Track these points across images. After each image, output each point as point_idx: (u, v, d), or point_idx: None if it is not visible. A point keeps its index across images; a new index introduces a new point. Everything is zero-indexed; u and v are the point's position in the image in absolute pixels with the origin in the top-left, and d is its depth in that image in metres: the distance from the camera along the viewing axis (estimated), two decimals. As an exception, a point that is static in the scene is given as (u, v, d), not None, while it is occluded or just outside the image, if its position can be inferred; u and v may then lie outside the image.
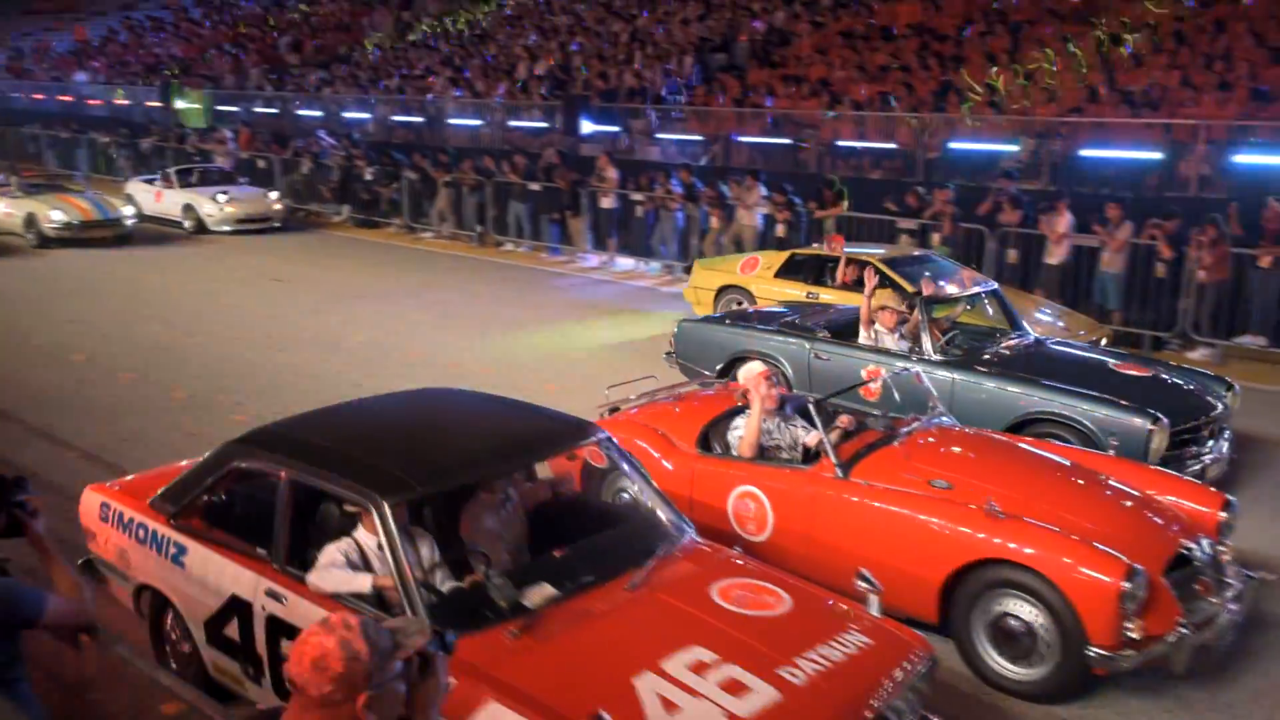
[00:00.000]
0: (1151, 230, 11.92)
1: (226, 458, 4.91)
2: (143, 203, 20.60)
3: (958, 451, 6.22)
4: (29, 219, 18.25)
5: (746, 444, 6.09)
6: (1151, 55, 15.60)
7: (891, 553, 5.37)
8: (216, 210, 19.86)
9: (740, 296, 11.91)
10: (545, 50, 25.82)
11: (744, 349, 9.10)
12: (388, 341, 12.17)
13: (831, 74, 18.99)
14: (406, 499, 4.27)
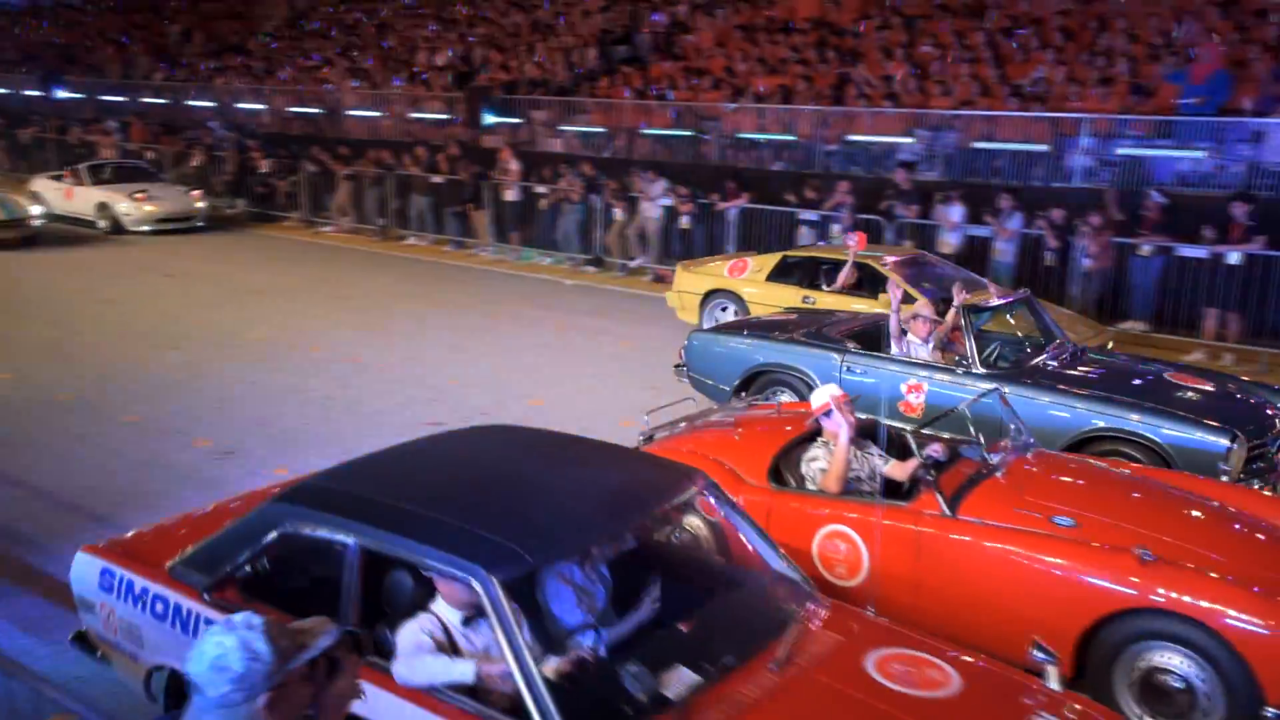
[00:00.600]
0: (1040, 220, 12.33)
1: (272, 520, 4.09)
2: (51, 201, 19.37)
3: (1068, 482, 5.62)
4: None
5: (833, 477, 5.39)
6: (1038, 50, 16.10)
7: (1016, 601, 4.78)
8: (134, 209, 18.81)
9: (728, 301, 11.48)
10: (445, 41, 25.50)
11: (764, 362, 8.43)
12: (287, 338, 11.91)
13: (732, 67, 19.16)
14: (521, 573, 3.56)
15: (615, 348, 11.77)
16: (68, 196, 19.46)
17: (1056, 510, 5.05)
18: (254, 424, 8.89)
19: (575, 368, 10.85)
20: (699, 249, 15.24)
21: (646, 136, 18.48)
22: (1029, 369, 7.57)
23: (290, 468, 7.88)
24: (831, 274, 10.88)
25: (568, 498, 4.02)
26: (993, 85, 15.53)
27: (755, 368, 8.46)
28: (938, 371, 7.62)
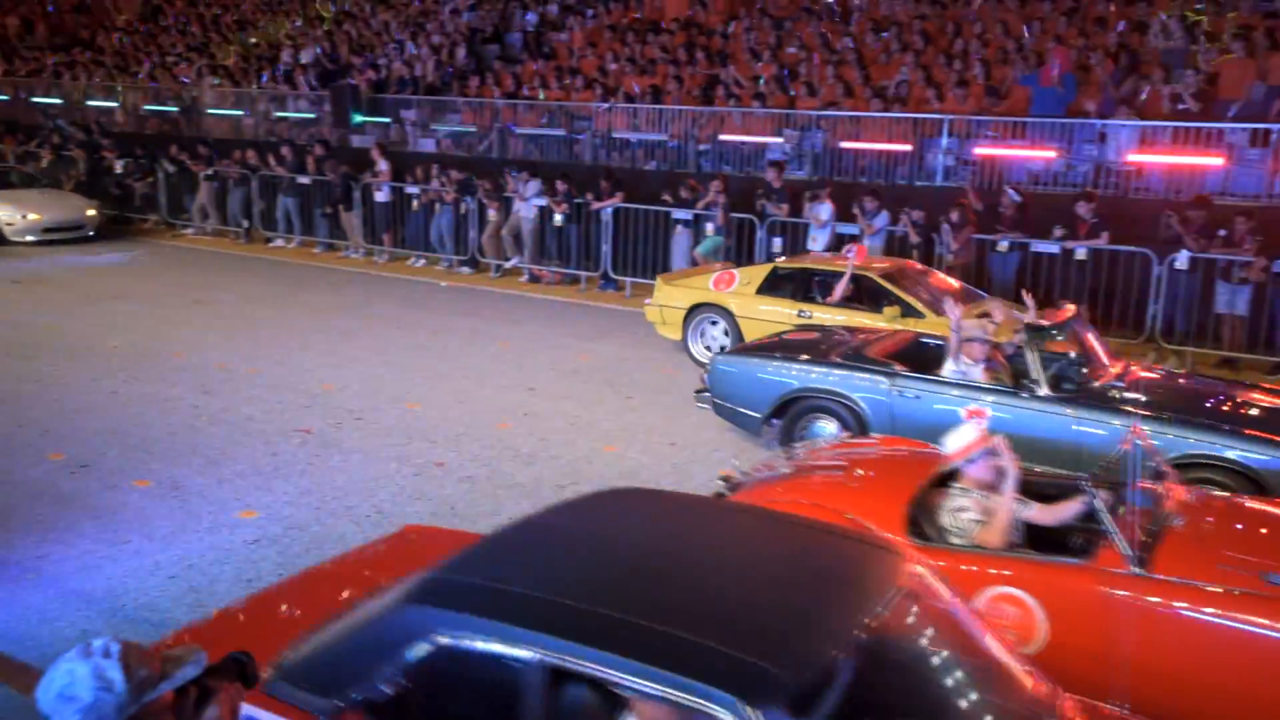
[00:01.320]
0: (902, 218, 12.73)
1: (417, 628, 3.23)
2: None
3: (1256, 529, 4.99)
4: None
5: (996, 530, 4.72)
6: (899, 53, 16.62)
7: (1241, 677, 4.08)
8: (17, 218, 17.58)
9: (715, 316, 10.96)
10: (310, 38, 24.85)
11: (801, 387, 7.83)
12: (148, 345, 11.42)
13: (604, 67, 19.21)
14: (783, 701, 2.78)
15: (492, 349, 11.67)
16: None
17: (1265, 565, 4.34)
18: (112, 435, 8.50)
19: (452, 370, 10.71)
20: (574, 249, 15.24)
21: (520, 136, 18.37)
22: (1097, 391, 6.97)
23: (153, 479, 7.58)
24: (825, 286, 10.51)
25: (780, 590, 3.31)
26: (857, 86, 15.96)
27: (791, 393, 7.86)
28: (1002, 395, 7.05)
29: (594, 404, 9.61)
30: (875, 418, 7.44)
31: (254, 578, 6.13)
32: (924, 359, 7.86)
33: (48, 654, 5.30)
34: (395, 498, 7.35)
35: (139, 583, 6.06)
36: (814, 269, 10.76)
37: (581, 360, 11.19)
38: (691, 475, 7.88)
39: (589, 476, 7.81)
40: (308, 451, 8.23)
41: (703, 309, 10.98)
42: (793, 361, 8.01)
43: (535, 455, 8.24)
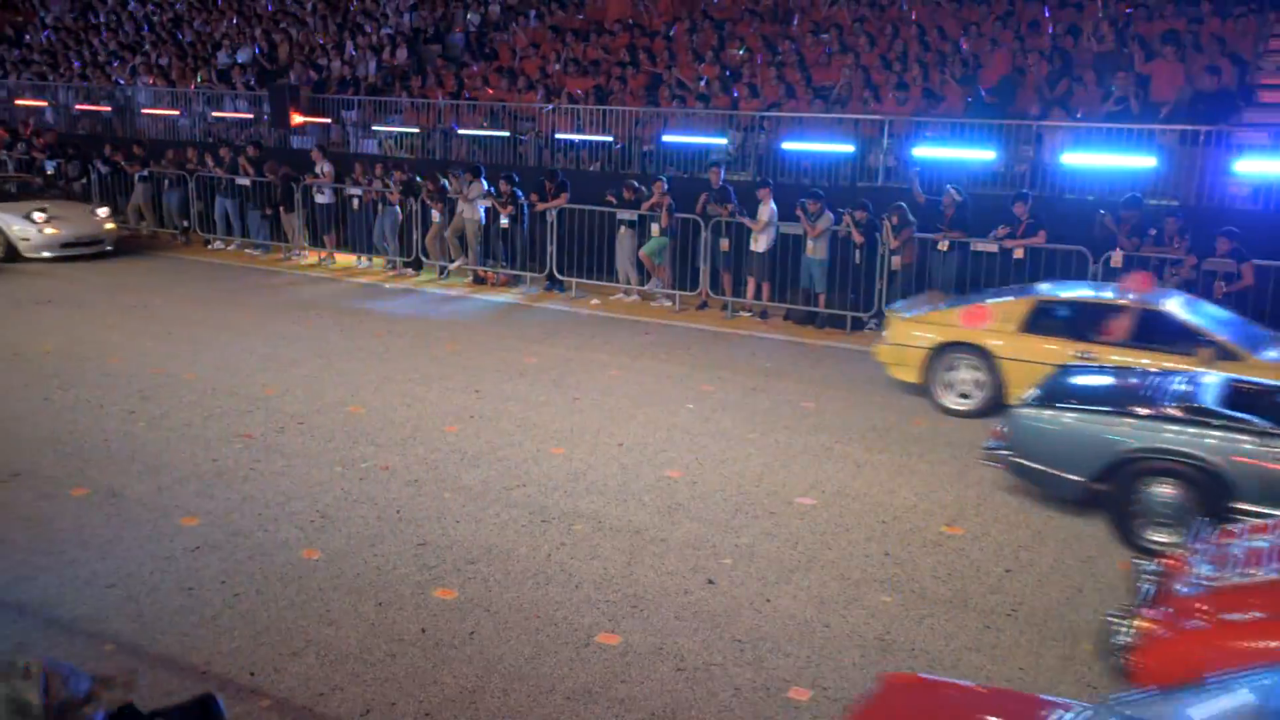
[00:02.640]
0: (845, 218, 12.86)
1: None
2: None
3: None
4: None
5: None
6: (840, 54, 16.78)
7: None
8: (34, 233, 16.22)
9: (968, 357, 9.57)
10: (247, 37, 24.46)
11: (1140, 447, 6.72)
12: (81, 350, 11.16)
13: (548, 67, 19.16)
14: None
15: (438, 351, 11.58)
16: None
17: None
18: (46, 443, 8.30)
19: (397, 373, 10.61)
20: (520, 250, 15.18)
21: (463, 137, 18.25)
22: None
23: (90, 487, 7.41)
24: (1099, 321, 9.22)
25: None
26: (799, 87, 16.08)
27: (1127, 454, 6.76)
28: None
29: (540, 405, 9.58)
30: (1242, 485, 6.40)
31: (195, 585, 6.03)
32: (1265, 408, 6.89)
33: (-19, 668, 5.17)
34: (340, 502, 7.27)
35: (75, 593, 5.93)
36: (1088, 301, 9.47)
37: (528, 362, 11.16)
38: (639, 476, 7.89)
39: (536, 478, 7.79)
40: (249, 456, 8.10)
41: (953, 349, 9.64)
42: (1127, 415, 6.91)
43: (481, 457, 8.20)
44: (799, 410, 9.67)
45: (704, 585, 6.18)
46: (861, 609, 5.94)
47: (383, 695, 5.01)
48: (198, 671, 5.18)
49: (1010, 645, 5.59)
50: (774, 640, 5.57)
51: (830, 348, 12.27)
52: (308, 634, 5.54)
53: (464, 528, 6.90)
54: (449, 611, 5.80)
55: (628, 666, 5.30)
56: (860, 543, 6.82)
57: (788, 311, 13.49)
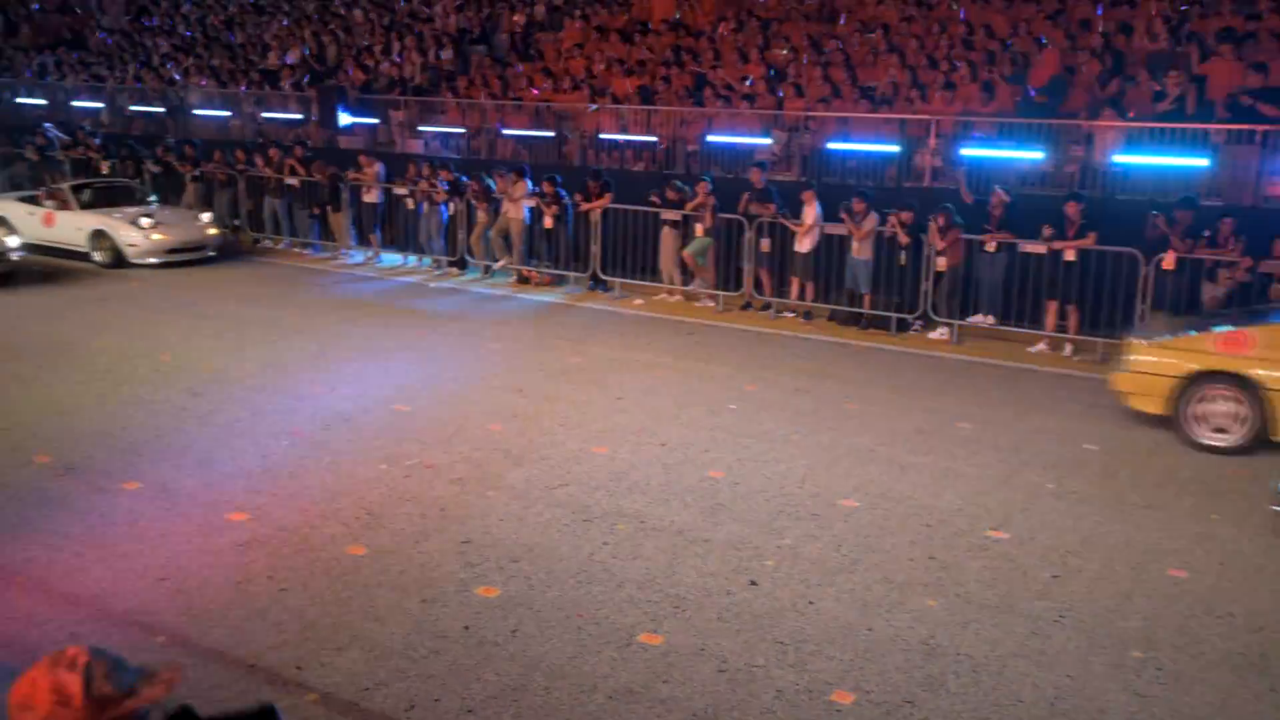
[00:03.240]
0: (891, 219, 12.77)
1: None
2: (24, 228, 16.52)
3: None
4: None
5: None
6: (886, 54, 16.66)
7: None
8: (141, 238, 15.93)
9: (1228, 389, 8.62)
10: (297, 39, 24.77)
11: None
12: (134, 346, 11.37)
13: (592, 67, 19.21)
14: None
15: (481, 350, 11.65)
16: (48, 223, 16.64)
17: None
18: (99, 437, 8.47)
19: (441, 371, 10.70)
20: (563, 250, 15.23)
21: (508, 137, 18.35)
22: None
23: (142, 481, 7.55)
24: None
25: None
26: (845, 87, 15.99)
27: None
28: None
29: (583, 405, 9.61)
30: None
31: (243, 580, 6.12)
32: None
33: (37, 657, 5.28)
34: (385, 499, 7.34)
35: (128, 585, 6.04)
36: None
37: (571, 361, 11.20)
38: (682, 476, 7.88)
39: (579, 477, 7.82)
40: (297, 453, 8.21)
41: (1207, 379, 8.72)
42: None
43: (524, 456, 8.24)
44: (843, 412, 9.61)
45: (746, 586, 6.16)
46: (906, 613, 5.89)
47: (426, 691, 5.05)
48: (246, 665, 5.26)
49: (1057, 652, 5.51)
50: (817, 643, 5.55)
51: (874, 349, 12.18)
52: (353, 629, 5.60)
53: (507, 526, 6.93)
54: (492, 609, 5.84)
55: (669, 667, 5.30)
56: (904, 546, 6.77)
57: (832, 312, 13.42)
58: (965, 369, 11.38)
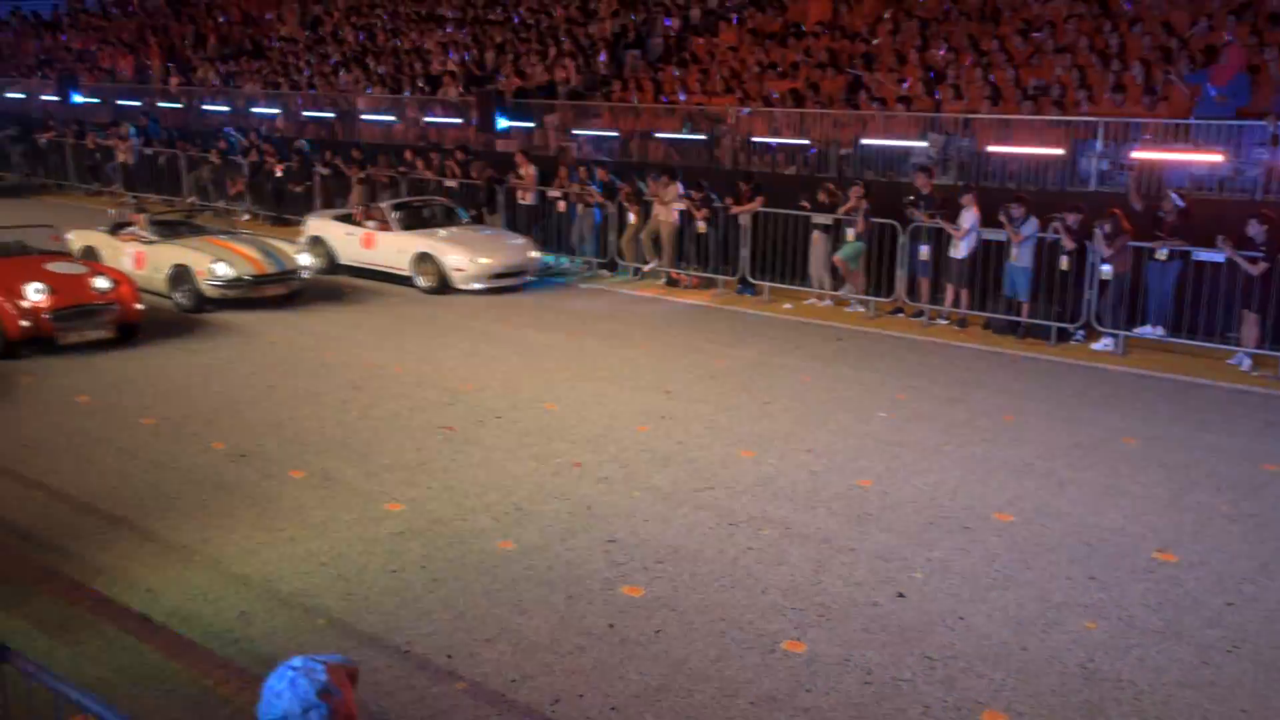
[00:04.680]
0: (1055, 225, 12.28)
1: None
2: (340, 248, 15.94)
3: None
4: (178, 274, 13.36)
5: None
6: (1053, 54, 16.05)
7: None
8: (467, 263, 14.74)
9: None
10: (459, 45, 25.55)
11: None
12: (301, 341, 11.92)
13: (745, 70, 19.15)
14: None
15: (630, 352, 11.76)
16: (366, 244, 15.58)
17: None
18: (270, 428, 8.92)
19: (590, 372, 10.85)
20: (713, 253, 15.24)
21: (660, 140, 18.47)
22: None
23: (307, 470, 7.91)
24: None
25: None
26: (1007, 88, 15.48)
27: None
28: None
29: (730, 408, 9.59)
30: None
31: (398, 568, 6.34)
32: None
33: (210, 631, 5.61)
34: (533, 496, 7.49)
35: (293, 568, 6.34)
36: None
37: (718, 364, 11.19)
38: (828, 483, 7.78)
39: (725, 481, 7.80)
40: (450, 448, 8.46)
41: None
42: None
43: (672, 458, 8.27)
44: (998, 423, 9.30)
45: (894, 598, 6.03)
46: (1063, 633, 5.66)
47: (571, 687, 5.13)
48: (399, 650, 5.45)
49: (1231, 684, 5.20)
50: (967, 659, 5.38)
51: (1033, 359, 11.74)
52: (501, 622, 5.73)
53: (652, 527, 6.98)
54: (636, 609, 5.88)
55: (813, 676, 5.23)
56: (1062, 564, 6.50)
57: (988, 320, 13.01)
58: (1132, 382, 10.86)
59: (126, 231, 14.29)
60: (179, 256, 13.46)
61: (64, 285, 11.29)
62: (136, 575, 6.24)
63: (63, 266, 11.85)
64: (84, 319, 11.28)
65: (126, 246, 13.99)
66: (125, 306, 11.58)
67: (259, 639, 5.56)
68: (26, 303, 10.91)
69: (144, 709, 4.89)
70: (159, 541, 6.72)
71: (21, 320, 10.85)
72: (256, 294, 13.41)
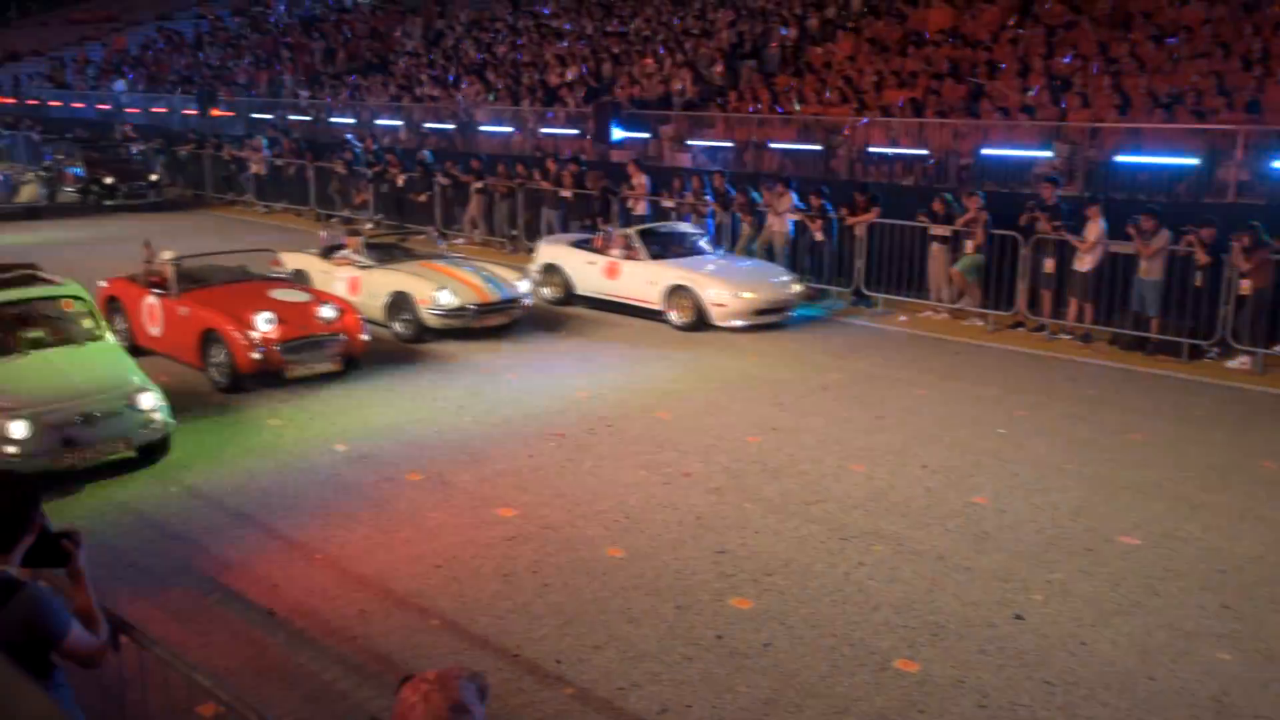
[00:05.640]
0: (1188, 237, 11.78)
1: None
2: (578, 277, 14.48)
3: None
4: (397, 301, 12.35)
5: None
6: (1189, 60, 15.42)
7: None
8: (729, 297, 13.00)
9: None
10: (576, 57, 25.89)
11: None
12: (421, 346, 12.20)
13: (862, 80, 18.92)
14: None
15: (740, 361, 11.70)
16: (610, 274, 14.02)
17: None
18: (388, 430, 9.15)
19: (700, 381, 10.83)
20: (827, 264, 15.07)
21: (775, 150, 18.38)
22: None
23: (424, 473, 8.10)
24: None
25: None
26: (1137, 96, 14.93)
27: None
28: None
29: (843, 421, 9.46)
30: None
31: (510, 573, 6.44)
32: None
33: (332, 628, 5.78)
34: (644, 505, 7.51)
35: (407, 569, 6.49)
36: None
37: (831, 377, 11.05)
38: (944, 500, 7.61)
39: (836, 494, 7.70)
40: (562, 455, 8.55)
41: None
42: None
43: (782, 469, 8.21)
44: (1124, 442, 8.96)
45: (1011, 620, 5.86)
46: (1193, 664, 5.41)
47: (679, 697, 5.13)
48: (509, 654, 5.52)
49: (1376, 725, 4.90)
50: (1089, 687, 5.20)
51: (1162, 376, 11.28)
52: (610, 629, 5.77)
53: (762, 539, 6.93)
54: (745, 621, 5.85)
55: (926, 696, 5.12)
56: (1193, 591, 6.22)
57: (1114, 335, 12.54)
58: (1271, 403, 10.33)
59: (339, 255, 13.42)
60: (398, 283, 12.43)
61: (291, 314, 10.48)
62: (262, 571, 6.48)
63: (287, 294, 11.10)
64: (311, 351, 10.48)
65: (339, 271, 13.04)
66: (351, 337, 10.76)
67: (376, 637, 5.71)
68: (257, 333, 10.09)
69: (266, 700, 5.07)
70: (282, 539, 6.96)
71: (253, 352, 10.04)
72: (480, 324, 12.39)
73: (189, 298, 10.76)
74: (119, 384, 8.10)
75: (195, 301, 10.68)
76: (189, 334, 10.55)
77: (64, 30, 50.90)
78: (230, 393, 10.18)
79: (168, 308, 10.86)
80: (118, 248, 16.53)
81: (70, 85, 41.98)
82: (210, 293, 10.89)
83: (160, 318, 10.98)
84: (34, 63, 46.40)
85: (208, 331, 10.34)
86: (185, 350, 10.66)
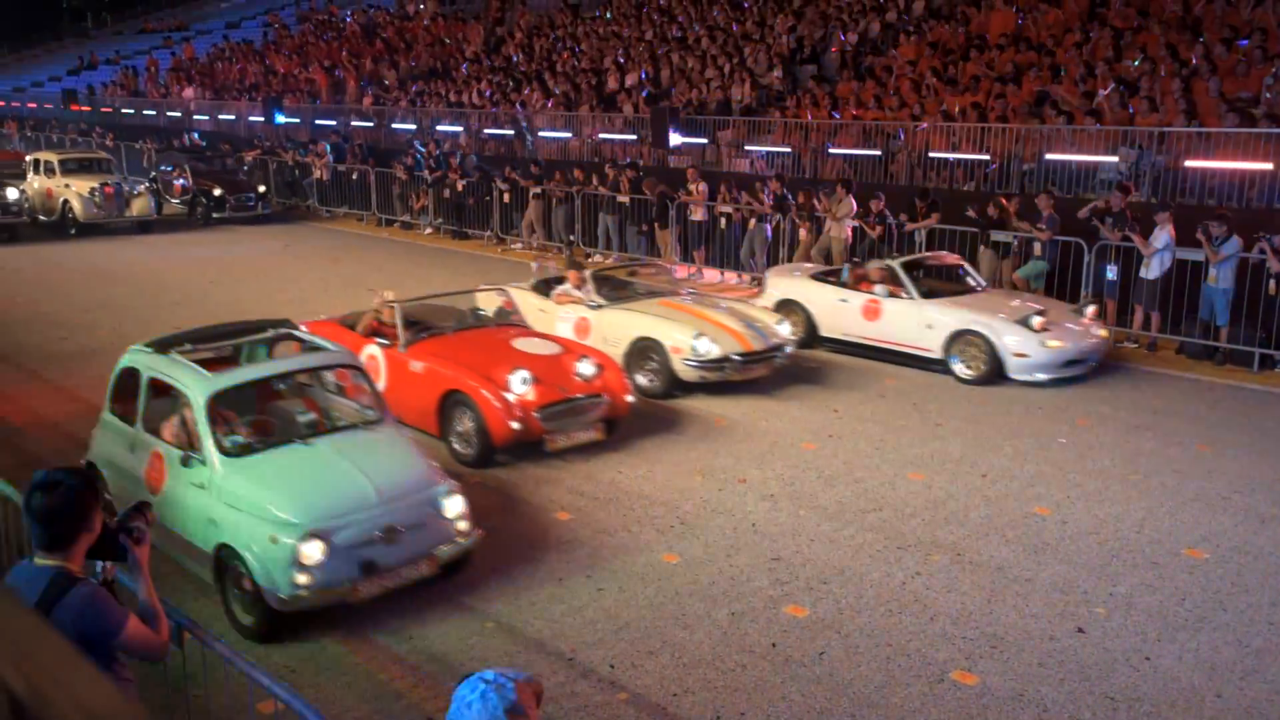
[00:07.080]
0: (1261, 244, 11.48)
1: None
2: (825, 316, 12.28)
3: None
4: (642, 348, 10.33)
5: None
6: (1262, 63, 15.04)
7: None
8: (1033, 346, 10.74)
9: None
10: (635, 63, 25.95)
11: None
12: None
13: (922, 84, 18.72)
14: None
15: (798, 368, 11.61)
16: (869, 315, 11.79)
17: None
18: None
19: (754, 387, 10.76)
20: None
21: (834, 155, 18.26)
22: None
23: (481, 475, 8.13)
24: None
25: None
26: (1206, 100, 14.59)
27: None
28: None
29: (900, 429, 9.36)
30: None
31: (564, 576, 6.45)
32: None
33: (385, 629, 5.83)
34: (698, 510, 7.50)
35: (464, 572, 6.49)
36: None
37: (888, 383, 10.94)
38: (1003, 510, 7.49)
39: (893, 503, 7.62)
40: (616, 459, 8.55)
41: None
42: None
43: (838, 477, 8.14)
44: (1191, 453, 8.75)
45: (1072, 633, 5.75)
46: (1263, 682, 5.27)
47: (732, 704, 5.10)
48: (564, 657, 5.54)
49: None
50: (1153, 703, 5.08)
51: (1232, 387, 11.00)
52: (664, 635, 5.76)
53: (817, 547, 6.88)
54: (799, 629, 5.81)
55: (984, 709, 5.04)
56: (1263, 607, 6.05)
57: (1181, 344, 12.26)
58: (1345, 414, 10.03)
59: (560, 291, 11.23)
60: (644, 327, 10.34)
61: (545, 372, 8.57)
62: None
63: (532, 344, 9.13)
64: (572, 417, 8.55)
65: (563, 311, 10.96)
66: (615, 398, 8.82)
67: (432, 637, 5.76)
68: (513, 396, 8.23)
69: (324, 698, 5.15)
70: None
71: (511, 420, 8.16)
72: (742, 376, 10.29)
73: (421, 349, 8.86)
74: (421, 484, 6.27)
75: (430, 354, 8.77)
76: (426, 396, 8.58)
77: (137, 39, 52.24)
78: (477, 468, 8.30)
79: (394, 362, 8.89)
80: (253, 266, 16.63)
81: (142, 93, 43.03)
82: (444, 343, 9.02)
83: (384, 374, 8.89)
84: (106, 71, 47.71)
85: (450, 394, 8.42)
86: (420, 415, 8.59)
